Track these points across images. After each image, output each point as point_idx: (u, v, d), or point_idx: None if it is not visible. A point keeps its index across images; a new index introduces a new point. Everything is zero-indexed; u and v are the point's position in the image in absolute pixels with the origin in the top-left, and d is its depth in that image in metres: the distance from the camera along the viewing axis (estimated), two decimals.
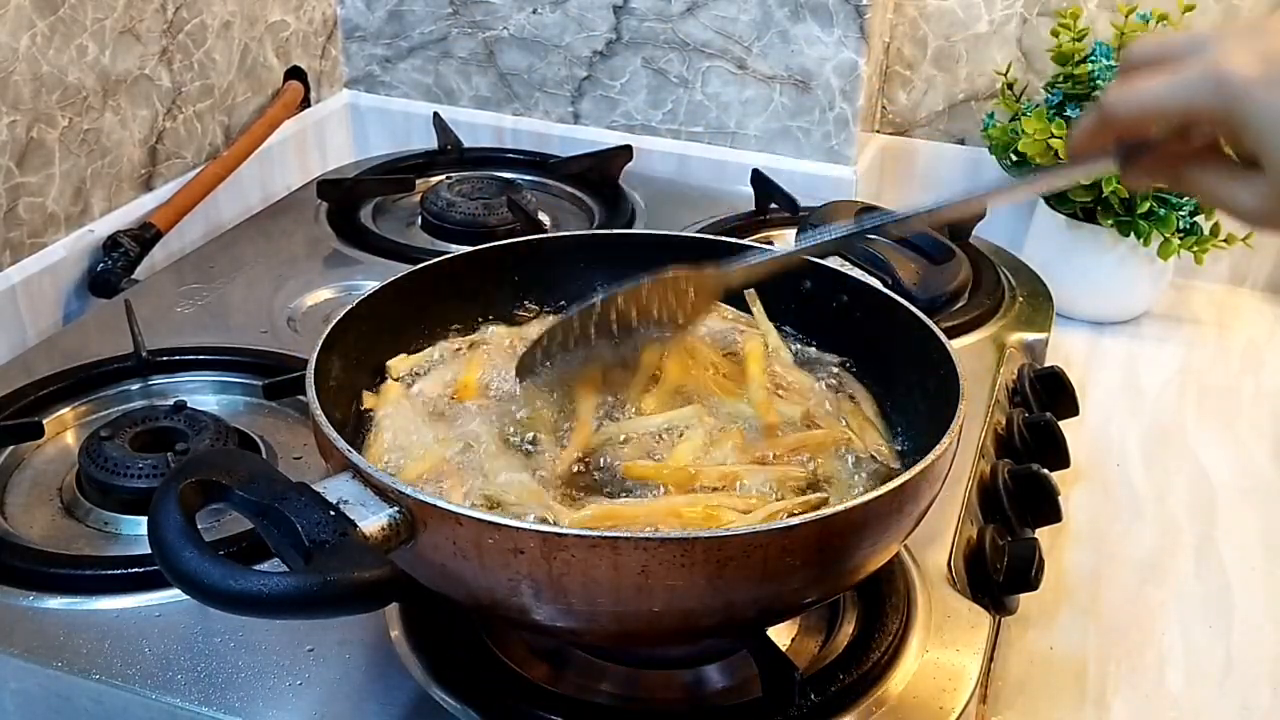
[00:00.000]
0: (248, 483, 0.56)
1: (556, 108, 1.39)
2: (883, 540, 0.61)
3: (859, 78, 1.26)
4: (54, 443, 0.88)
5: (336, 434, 0.60)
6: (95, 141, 1.10)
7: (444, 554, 0.56)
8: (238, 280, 1.07)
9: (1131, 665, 0.82)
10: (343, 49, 1.44)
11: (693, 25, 1.29)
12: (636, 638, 0.64)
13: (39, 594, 0.72)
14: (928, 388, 0.70)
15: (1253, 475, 1.02)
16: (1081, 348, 1.19)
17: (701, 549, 0.54)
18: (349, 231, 1.17)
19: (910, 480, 0.59)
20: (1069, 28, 1.17)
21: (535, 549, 0.54)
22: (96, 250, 1.11)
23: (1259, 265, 1.30)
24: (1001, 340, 1.01)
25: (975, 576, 0.77)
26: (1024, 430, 0.91)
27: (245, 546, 0.73)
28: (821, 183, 1.29)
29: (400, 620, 0.70)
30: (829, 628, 0.71)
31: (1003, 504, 0.83)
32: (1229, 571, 0.91)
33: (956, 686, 0.67)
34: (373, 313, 0.74)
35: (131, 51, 1.12)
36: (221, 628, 0.69)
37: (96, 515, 0.80)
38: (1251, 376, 1.16)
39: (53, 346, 0.98)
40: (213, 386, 0.93)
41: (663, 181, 1.31)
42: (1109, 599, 0.88)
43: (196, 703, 0.65)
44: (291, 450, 0.86)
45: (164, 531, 0.53)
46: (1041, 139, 1.13)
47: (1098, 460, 1.02)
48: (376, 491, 0.57)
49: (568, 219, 1.24)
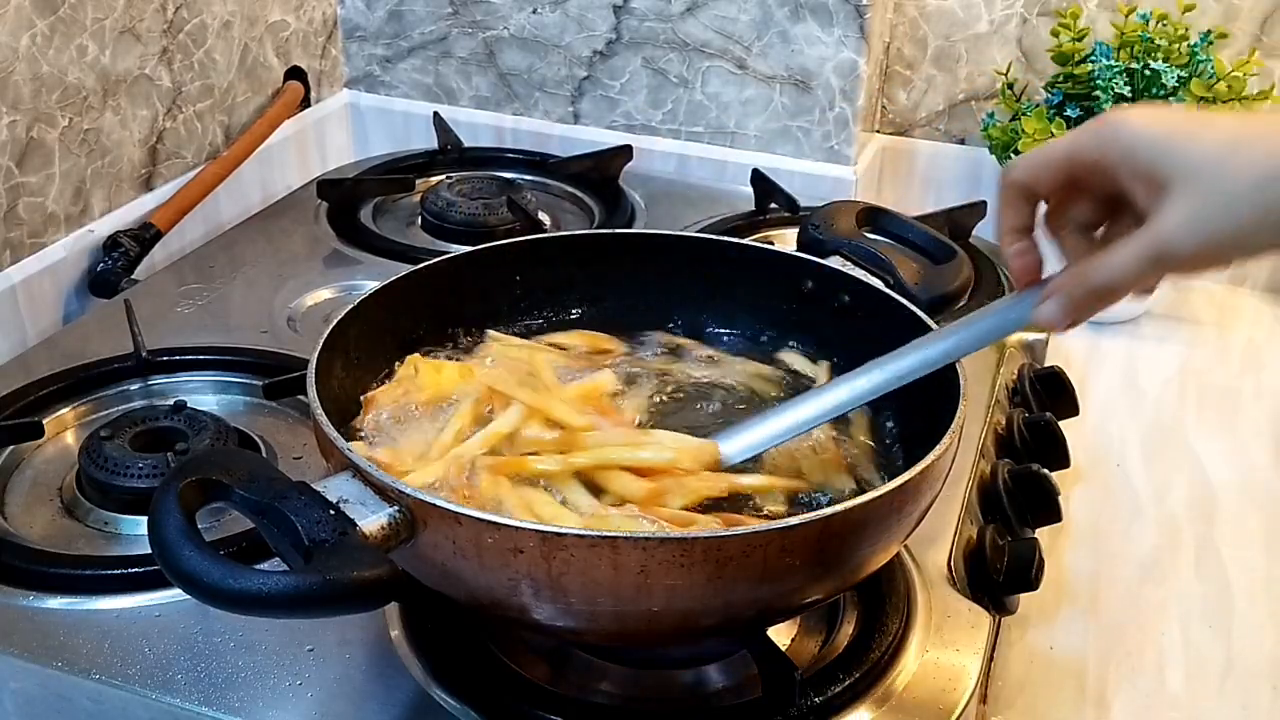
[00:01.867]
0: (248, 482, 0.56)
1: (556, 108, 1.39)
2: (883, 540, 0.61)
3: (859, 77, 1.26)
4: (54, 443, 0.88)
5: (337, 433, 0.60)
6: (95, 141, 1.10)
7: (444, 553, 0.56)
8: (237, 280, 1.07)
9: (1131, 665, 0.82)
10: (343, 49, 1.44)
11: (693, 25, 1.29)
12: (636, 637, 0.64)
13: (39, 594, 0.72)
14: (928, 387, 0.70)
15: (1253, 475, 1.02)
16: (1081, 347, 1.19)
17: (701, 549, 0.54)
18: (349, 231, 1.17)
19: (910, 480, 0.59)
20: (1069, 28, 1.17)
21: (535, 548, 0.54)
22: (96, 250, 1.11)
23: (1259, 265, 1.30)
24: (1001, 340, 1.01)
25: (975, 576, 0.77)
26: (1024, 430, 0.91)
27: (245, 546, 0.73)
28: (821, 182, 1.29)
29: (400, 620, 0.70)
30: (829, 628, 0.71)
31: (1003, 504, 0.83)
32: (1229, 571, 0.91)
33: (956, 686, 0.67)
34: (373, 313, 0.74)
35: (131, 51, 1.12)
36: (221, 628, 0.69)
37: (96, 515, 0.80)
38: (1251, 376, 1.16)
39: (53, 346, 0.98)
40: (212, 386, 0.93)
41: (663, 181, 1.31)
42: (1109, 599, 0.88)
43: (196, 703, 0.65)
44: (291, 450, 0.86)
45: (164, 531, 0.53)
46: (1041, 139, 1.13)
47: (1098, 460, 1.02)
48: (376, 491, 0.57)
49: (568, 219, 1.24)
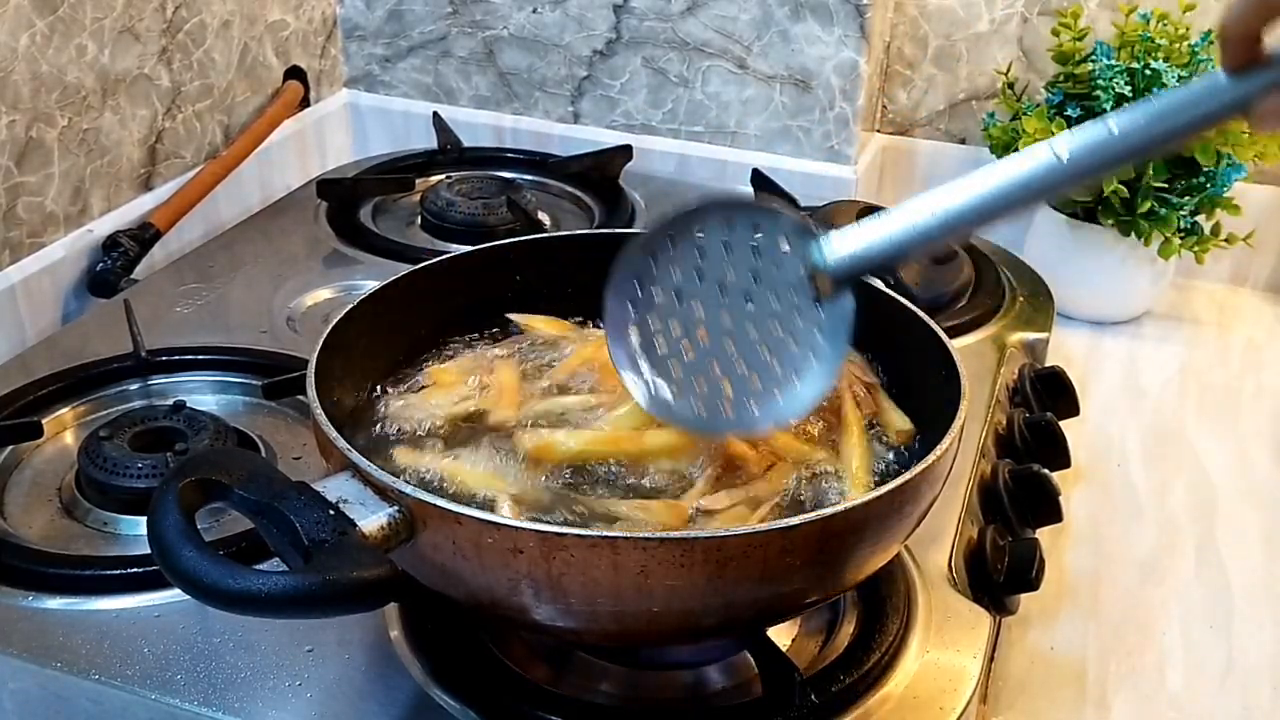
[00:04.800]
0: (247, 482, 0.56)
1: (556, 107, 1.39)
2: (883, 540, 0.60)
3: (859, 77, 1.26)
4: (53, 443, 0.88)
5: (337, 433, 0.60)
6: (94, 141, 1.10)
7: (443, 553, 0.56)
8: (237, 280, 1.07)
9: (1132, 665, 0.82)
10: (342, 48, 1.44)
11: (693, 24, 1.29)
12: (636, 638, 0.64)
13: (38, 594, 0.72)
14: (929, 387, 0.70)
15: (1253, 475, 1.02)
16: (1082, 347, 1.19)
17: (701, 549, 0.54)
18: (349, 231, 1.17)
19: (911, 480, 0.59)
20: (1069, 27, 1.17)
21: (534, 548, 0.54)
22: (96, 250, 1.11)
23: (1260, 265, 1.30)
24: (1002, 340, 1.01)
25: (976, 576, 0.77)
26: (1025, 430, 0.91)
27: (245, 546, 0.73)
28: (821, 182, 1.28)
29: (400, 620, 0.70)
30: (829, 628, 0.71)
31: (1003, 504, 0.83)
32: (1229, 571, 0.91)
33: (957, 687, 0.67)
34: (373, 312, 0.74)
35: (131, 51, 1.12)
36: (221, 628, 0.69)
37: (96, 515, 0.79)
38: (1252, 376, 1.16)
39: (52, 346, 0.98)
40: (212, 386, 0.93)
41: (663, 181, 1.31)
42: (1109, 599, 0.88)
43: (196, 703, 0.65)
44: (291, 450, 0.86)
45: (163, 531, 0.52)
46: (1042, 139, 1.13)
47: (1098, 460, 1.02)
48: (376, 491, 0.57)
49: (568, 219, 1.24)
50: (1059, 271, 1.15)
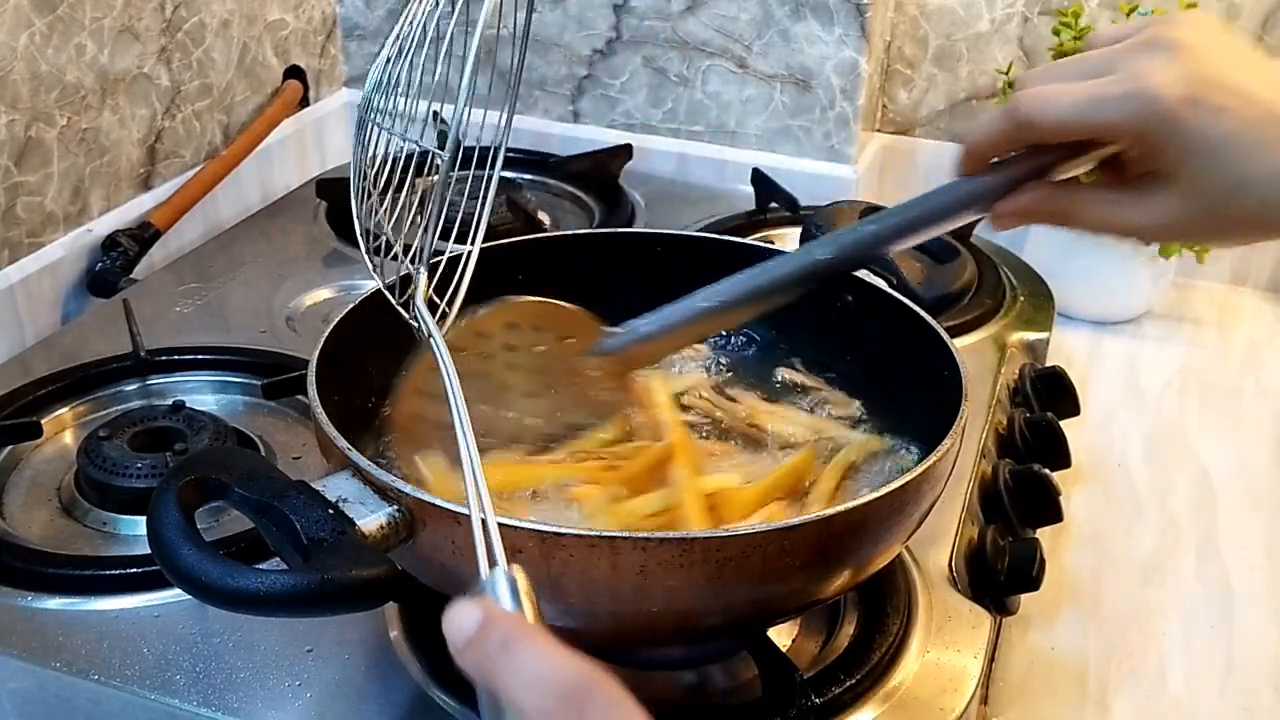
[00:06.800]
0: (247, 481, 0.56)
1: (556, 107, 1.39)
2: (884, 541, 0.60)
3: (860, 76, 1.26)
4: (52, 443, 0.87)
5: (337, 432, 0.60)
6: (94, 141, 1.10)
7: (443, 553, 0.56)
8: (236, 280, 1.07)
9: (1133, 665, 0.82)
10: (342, 48, 1.44)
11: (693, 24, 1.29)
12: (635, 638, 0.64)
13: (37, 594, 0.71)
14: (930, 388, 0.70)
15: (1254, 475, 1.02)
16: (1083, 347, 1.19)
17: (700, 549, 0.54)
18: (348, 231, 1.16)
19: (912, 481, 0.58)
20: (1070, 26, 1.16)
21: (534, 549, 0.54)
22: (95, 250, 1.11)
23: (1260, 265, 1.30)
24: (1003, 340, 1.01)
25: (976, 577, 0.77)
26: (1025, 430, 0.91)
27: (244, 545, 0.73)
28: (822, 182, 1.28)
29: (400, 620, 0.70)
30: (830, 628, 0.71)
31: (1004, 504, 0.83)
32: (1230, 571, 0.91)
33: (957, 687, 0.67)
34: (373, 312, 0.74)
35: (130, 50, 1.12)
36: (220, 628, 0.69)
37: (95, 515, 0.79)
38: (1252, 376, 1.16)
39: (51, 346, 0.98)
40: (211, 386, 0.93)
41: (663, 181, 1.31)
42: (1110, 599, 0.88)
43: (195, 703, 0.65)
44: (291, 450, 0.86)
45: (163, 530, 0.52)
46: None
47: (1099, 460, 1.02)
48: (376, 490, 0.57)
49: (567, 218, 1.24)
50: (1059, 271, 1.14)
